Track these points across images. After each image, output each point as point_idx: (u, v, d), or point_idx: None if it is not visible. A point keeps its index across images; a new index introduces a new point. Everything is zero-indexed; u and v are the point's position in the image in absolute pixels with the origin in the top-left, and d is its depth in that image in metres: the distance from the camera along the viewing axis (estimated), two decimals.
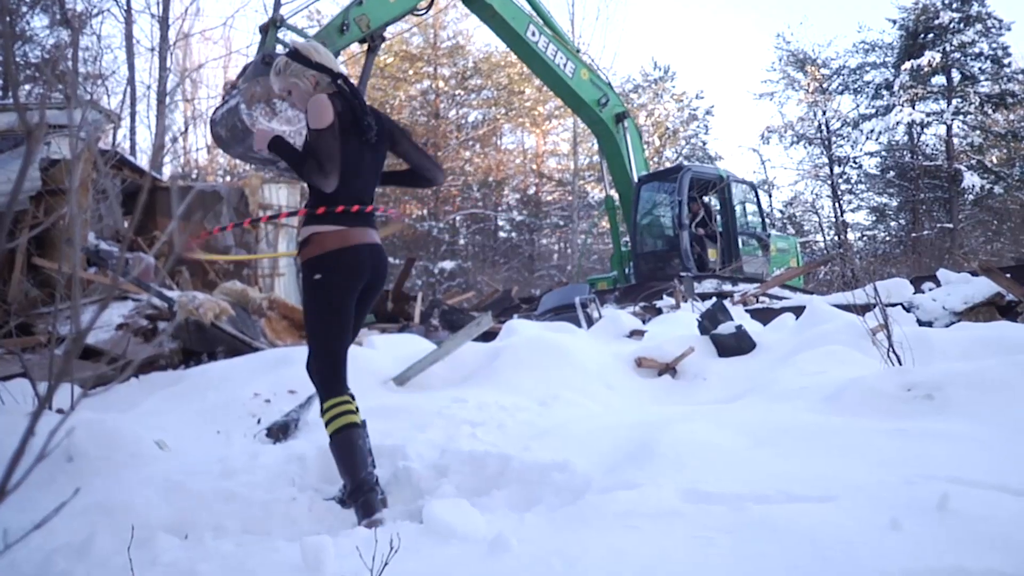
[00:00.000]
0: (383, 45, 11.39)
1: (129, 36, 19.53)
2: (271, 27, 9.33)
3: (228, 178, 25.21)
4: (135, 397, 5.67)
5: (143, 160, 18.02)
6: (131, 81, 19.41)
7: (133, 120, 20.90)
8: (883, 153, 30.67)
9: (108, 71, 20.52)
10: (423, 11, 11.39)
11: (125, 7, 19.53)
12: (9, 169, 7.68)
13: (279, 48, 9.26)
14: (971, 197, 28.06)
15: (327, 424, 3.10)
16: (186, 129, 20.35)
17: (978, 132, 28.20)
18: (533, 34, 12.37)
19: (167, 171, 20.10)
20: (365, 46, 10.60)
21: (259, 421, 4.80)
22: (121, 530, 2.72)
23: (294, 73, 3.23)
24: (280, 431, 4.53)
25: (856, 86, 31.80)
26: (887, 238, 31.35)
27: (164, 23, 19.72)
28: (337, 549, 2.36)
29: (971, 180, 27.32)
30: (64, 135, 8.07)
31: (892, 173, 30.52)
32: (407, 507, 3.18)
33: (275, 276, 13.71)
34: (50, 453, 0.83)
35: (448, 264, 28.59)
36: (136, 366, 5.89)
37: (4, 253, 1.03)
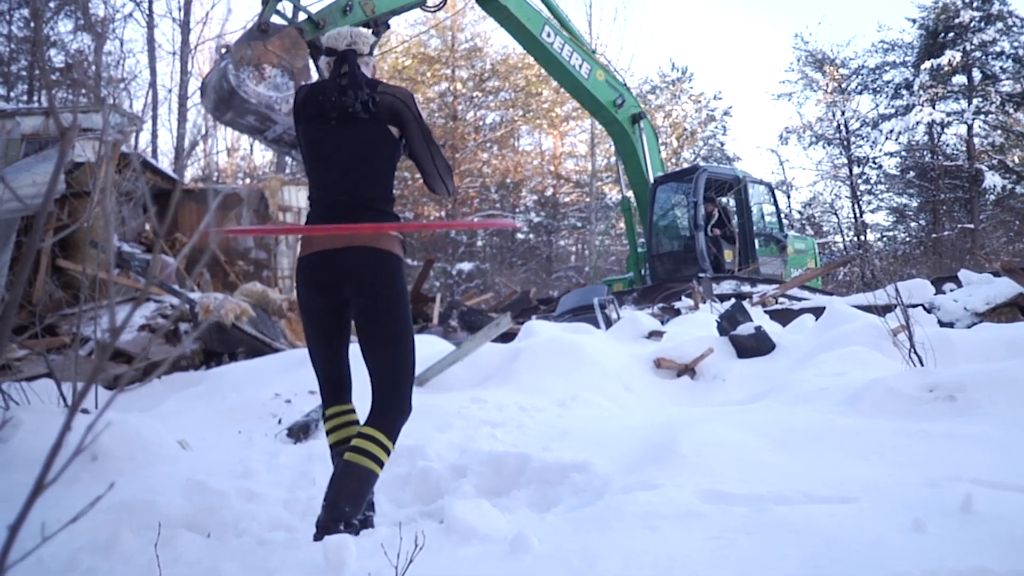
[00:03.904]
0: (400, 46, 11.35)
1: (151, 40, 19.72)
2: None
3: (248, 180, 25.37)
4: (157, 397, 5.74)
5: (164, 163, 18.19)
6: (153, 85, 19.60)
7: (155, 123, 21.11)
8: (903, 153, 30.39)
9: (130, 75, 20.75)
10: (433, 8, 11.36)
11: (147, 12, 19.72)
12: (35, 172, 7.77)
13: (276, 19, 9.28)
14: (992, 197, 27.76)
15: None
16: (207, 131, 20.50)
17: (999, 132, 27.90)
18: (548, 35, 12.36)
19: (188, 173, 20.28)
20: (369, 30, 10.57)
21: (280, 421, 4.84)
22: (144, 528, 2.75)
23: (323, 64, 3.02)
24: (300, 431, 4.57)
25: (875, 86, 31.55)
26: (907, 239, 31.07)
27: (185, 27, 19.88)
28: (359, 548, 2.37)
29: (992, 180, 27.02)
30: (89, 138, 8.16)
31: (912, 173, 30.25)
32: (427, 507, 3.20)
33: (294, 277, 13.78)
34: (85, 449, 0.85)
35: (466, 265, 28.60)
36: (166, 367, 5.95)
37: (34, 254, 1.05)
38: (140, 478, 3.39)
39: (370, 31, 10.51)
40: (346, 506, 2.66)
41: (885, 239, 31.75)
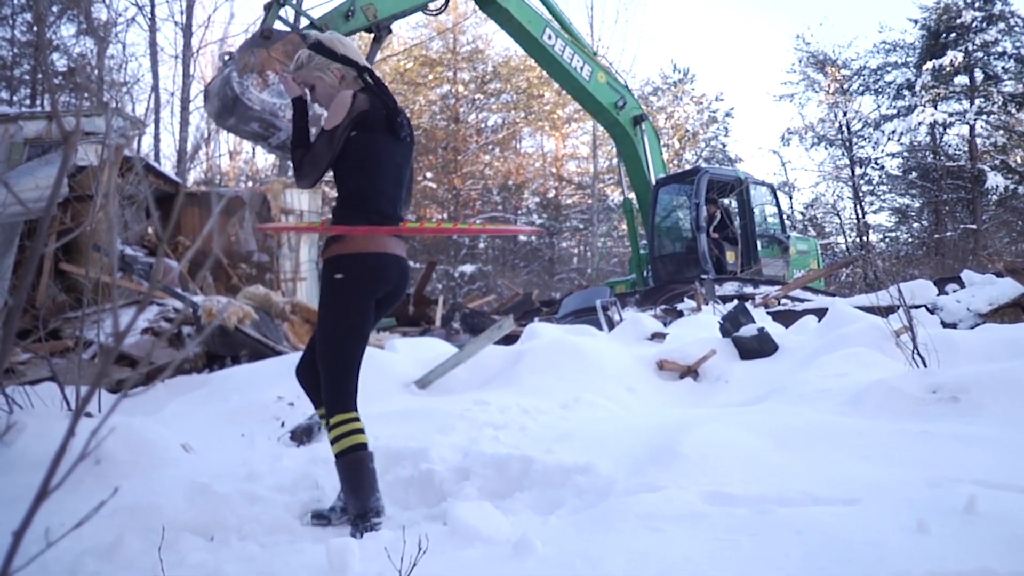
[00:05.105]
0: (402, 49, 11.35)
1: (153, 44, 19.74)
2: (275, 4, 9.40)
3: (250, 183, 25.41)
4: (160, 400, 5.74)
5: (167, 166, 18.22)
6: (155, 88, 19.61)
7: (157, 127, 21.15)
8: (905, 154, 30.38)
9: (133, 79, 20.79)
10: (435, 12, 11.35)
11: (149, 15, 19.75)
12: (37, 176, 7.78)
13: (279, 25, 9.31)
14: (995, 197, 27.72)
15: (335, 441, 2.93)
16: (209, 135, 20.54)
17: (1001, 132, 27.87)
18: (549, 38, 12.36)
19: (191, 177, 20.30)
20: (371, 36, 10.55)
21: (283, 424, 4.85)
22: (148, 531, 2.75)
23: (318, 66, 3.07)
24: (304, 434, 4.57)
25: (877, 87, 31.54)
26: (910, 239, 31.04)
27: (187, 31, 19.91)
28: (362, 551, 2.38)
29: (995, 180, 27.00)
30: (92, 142, 8.17)
31: (914, 174, 30.24)
32: (430, 509, 3.19)
33: (297, 280, 13.80)
34: (90, 454, 0.85)
35: (468, 268, 28.63)
36: (171, 371, 5.97)
37: (37, 258, 1.06)
38: (143, 481, 3.39)
39: (372, 36, 10.55)
40: (355, 500, 2.96)
41: (887, 240, 31.76)
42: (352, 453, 2.91)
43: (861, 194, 31.09)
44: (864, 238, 30.09)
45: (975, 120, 27.92)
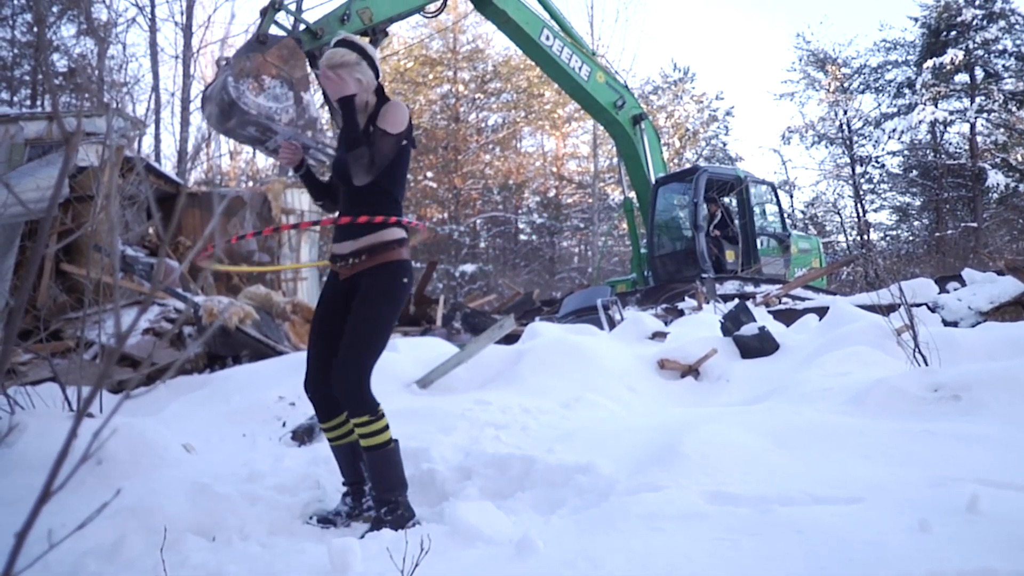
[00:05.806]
0: (402, 49, 11.33)
1: (153, 44, 19.73)
2: (271, 9, 9.43)
3: (251, 183, 25.40)
4: (162, 401, 5.74)
5: (168, 167, 18.22)
6: (156, 88, 19.59)
7: (157, 127, 21.15)
8: (905, 152, 30.32)
9: (133, 79, 20.79)
10: (432, 14, 11.35)
11: (150, 16, 19.74)
12: (38, 177, 7.78)
13: (276, 30, 9.33)
14: (995, 196, 27.69)
15: (377, 433, 3.00)
16: (209, 135, 20.55)
17: (1002, 130, 27.83)
18: (547, 38, 12.34)
19: (192, 177, 20.29)
20: (367, 39, 10.58)
21: (284, 424, 4.85)
22: (150, 532, 2.76)
23: (361, 71, 3.16)
24: (305, 434, 4.57)
25: (877, 85, 31.50)
26: (910, 238, 31.01)
27: (188, 31, 19.91)
28: (364, 551, 2.38)
29: (995, 178, 26.96)
30: (93, 142, 8.17)
31: (915, 172, 30.21)
32: (432, 509, 3.20)
33: (297, 280, 13.80)
34: (92, 455, 0.85)
35: (469, 267, 28.60)
36: (172, 371, 5.96)
37: (39, 259, 1.06)
38: (145, 482, 3.39)
39: (368, 39, 10.57)
40: (399, 486, 3.13)
41: (888, 238, 31.72)
42: (390, 445, 3.04)
43: (862, 192, 31.06)
44: (865, 236, 30.06)
45: (976, 118, 27.88)
